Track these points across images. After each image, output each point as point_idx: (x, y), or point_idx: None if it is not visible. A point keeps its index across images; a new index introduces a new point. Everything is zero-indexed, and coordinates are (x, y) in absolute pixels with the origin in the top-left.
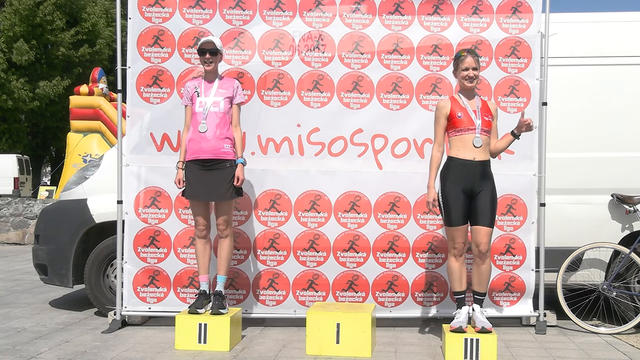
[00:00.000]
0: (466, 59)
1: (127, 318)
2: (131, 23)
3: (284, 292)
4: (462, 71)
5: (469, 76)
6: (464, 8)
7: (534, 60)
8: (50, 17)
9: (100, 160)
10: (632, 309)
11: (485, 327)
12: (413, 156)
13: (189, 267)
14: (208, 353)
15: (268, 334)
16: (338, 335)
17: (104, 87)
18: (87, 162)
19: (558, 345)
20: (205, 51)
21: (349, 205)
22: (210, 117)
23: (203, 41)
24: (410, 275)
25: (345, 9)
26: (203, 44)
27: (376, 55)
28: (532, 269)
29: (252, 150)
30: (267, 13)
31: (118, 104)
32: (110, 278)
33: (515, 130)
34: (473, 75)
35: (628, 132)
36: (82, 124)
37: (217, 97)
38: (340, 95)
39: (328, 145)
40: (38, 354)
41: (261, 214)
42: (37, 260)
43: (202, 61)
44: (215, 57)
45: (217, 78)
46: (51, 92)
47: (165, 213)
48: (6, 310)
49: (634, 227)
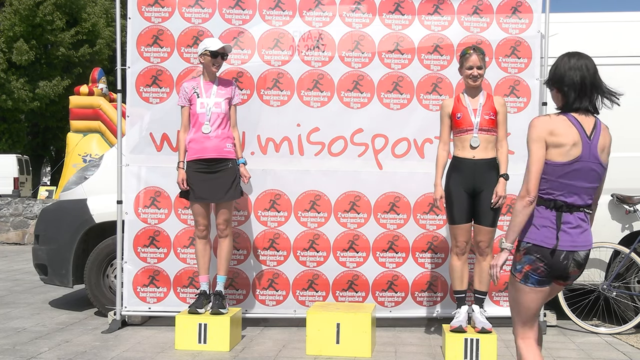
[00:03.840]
0: (471, 57)
1: (127, 318)
2: (131, 23)
3: (284, 292)
4: (466, 70)
5: (472, 75)
6: (464, 8)
7: (534, 60)
8: (50, 17)
9: (100, 160)
10: (632, 309)
11: (485, 328)
12: (413, 156)
13: (188, 267)
14: (208, 353)
15: (268, 334)
16: (338, 335)
17: (104, 87)
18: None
19: (558, 345)
20: (221, 55)
21: (348, 205)
22: (213, 117)
23: (222, 45)
24: (410, 275)
25: (345, 8)
26: (222, 48)
27: (377, 54)
28: None
29: (251, 150)
30: (266, 12)
31: (118, 104)
32: (110, 278)
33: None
34: (477, 74)
35: (628, 132)
36: (81, 124)
37: (218, 98)
38: (340, 95)
39: (328, 145)
40: (38, 354)
41: (261, 214)
42: (37, 260)
43: (212, 62)
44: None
45: (216, 78)
46: (51, 92)
47: (165, 213)
48: (6, 310)
49: (634, 227)
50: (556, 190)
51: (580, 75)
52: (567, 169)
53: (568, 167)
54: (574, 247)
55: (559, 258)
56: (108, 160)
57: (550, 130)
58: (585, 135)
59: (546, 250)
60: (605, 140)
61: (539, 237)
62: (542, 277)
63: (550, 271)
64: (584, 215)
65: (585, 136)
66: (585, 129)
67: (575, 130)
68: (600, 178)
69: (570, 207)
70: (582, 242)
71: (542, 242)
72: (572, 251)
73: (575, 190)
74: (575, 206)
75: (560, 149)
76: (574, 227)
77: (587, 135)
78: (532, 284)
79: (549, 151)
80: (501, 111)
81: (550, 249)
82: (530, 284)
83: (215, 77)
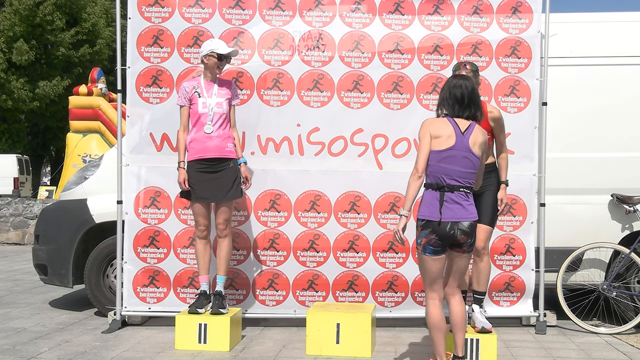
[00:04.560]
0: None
1: (127, 318)
2: (131, 23)
3: (283, 292)
4: None
5: None
6: (464, 8)
7: (534, 60)
8: (50, 17)
9: (100, 161)
10: (632, 309)
11: (485, 328)
12: (413, 156)
13: (188, 267)
14: (208, 353)
15: (268, 334)
16: (338, 335)
17: (103, 87)
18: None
19: (558, 345)
20: (227, 58)
21: (348, 205)
22: (215, 117)
23: (231, 50)
24: (410, 275)
25: (345, 8)
26: (231, 52)
27: (377, 54)
28: (532, 269)
29: (251, 150)
30: (266, 12)
31: (118, 104)
32: (110, 278)
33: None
34: None
35: (628, 132)
36: (81, 124)
37: (219, 98)
38: (340, 95)
39: (328, 145)
40: (38, 354)
41: (261, 214)
42: (37, 260)
43: (217, 65)
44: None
45: (217, 78)
46: (51, 92)
47: (165, 213)
48: (6, 310)
49: (634, 227)
50: (438, 173)
51: (460, 93)
52: (444, 155)
53: (445, 153)
54: (456, 219)
55: (445, 228)
56: (108, 160)
57: (435, 126)
58: (459, 131)
59: (434, 223)
60: (477, 138)
61: (427, 213)
62: (437, 248)
63: (443, 241)
64: (464, 194)
65: (459, 132)
66: (460, 127)
67: (451, 127)
68: (475, 166)
69: (451, 188)
70: (464, 215)
71: (429, 217)
72: (456, 222)
73: (452, 173)
74: (455, 187)
75: (439, 139)
76: (455, 203)
77: (461, 131)
78: (429, 254)
79: (432, 142)
80: (496, 125)
81: (437, 221)
82: (428, 253)
83: (216, 78)
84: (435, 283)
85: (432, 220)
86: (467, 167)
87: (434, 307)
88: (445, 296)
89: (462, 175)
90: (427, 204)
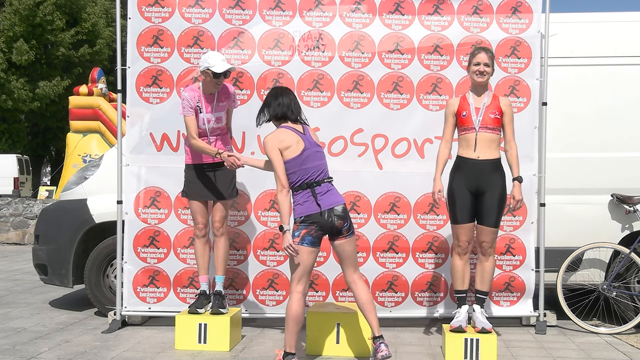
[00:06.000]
0: (479, 54)
1: (127, 318)
2: (131, 23)
3: (284, 292)
4: (473, 66)
5: (479, 71)
6: (464, 8)
7: (534, 60)
8: (50, 17)
9: (100, 161)
10: (632, 309)
11: (486, 328)
12: (413, 156)
13: (188, 267)
14: (208, 353)
15: (268, 334)
16: (338, 335)
17: (103, 87)
18: (87, 162)
19: (558, 345)
20: (224, 75)
21: (348, 206)
22: (213, 132)
23: (226, 69)
24: (410, 275)
25: (345, 8)
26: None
27: (377, 54)
28: (532, 269)
29: (251, 150)
30: (266, 12)
31: (118, 104)
32: (110, 278)
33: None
34: (483, 70)
35: (628, 132)
36: (81, 125)
37: (218, 113)
38: (340, 95)
39: (328, 145)
40: (38, 354)
41: (261, 214)
42: (37, 260)
43: (213, 82)
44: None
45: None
46: (51, 92)
47: (165, 213)
48: (6, 310)
49: (634, 227)
50: (304, 175)
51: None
52: (303, 158)
53: (302, 156)
54: (331, 205)
55: (325, 217)
56: (108, 160)
57: (280, 139)
58: (301, 134)
59: (316, 215)
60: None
61: (305, 210)
62: (315, 238)
63: (322, 230)
64: (328, 184)
65: (301, 134)
66: (297, 130)
67: (294, 133)
68: (324, 155)
69: (318, 182)
70: (334, 201)
71: (309, 212)
72: (331, 208)
73: (314, 169)
74: (320, 180)
75: (291, 148)
76: (325, 192)
77: (302, 133)
78: (307, 244)
79: (284, 153)
80: (507, 112)
81: (318, 212)
82: (306, 244)
83: (215, 91)
84: (304, 276)
85: (312, 213)
86: (322, 159)
87: (298, 301)
88: (348, 285)
89: (322, 167)
90: (302, 203)
